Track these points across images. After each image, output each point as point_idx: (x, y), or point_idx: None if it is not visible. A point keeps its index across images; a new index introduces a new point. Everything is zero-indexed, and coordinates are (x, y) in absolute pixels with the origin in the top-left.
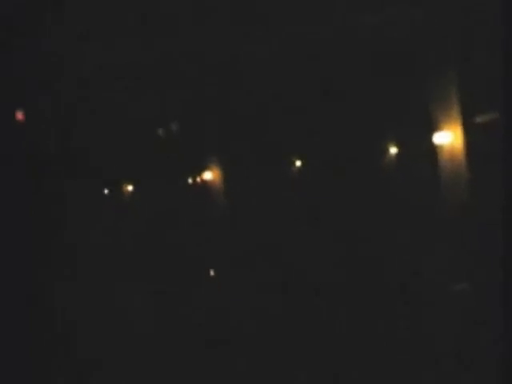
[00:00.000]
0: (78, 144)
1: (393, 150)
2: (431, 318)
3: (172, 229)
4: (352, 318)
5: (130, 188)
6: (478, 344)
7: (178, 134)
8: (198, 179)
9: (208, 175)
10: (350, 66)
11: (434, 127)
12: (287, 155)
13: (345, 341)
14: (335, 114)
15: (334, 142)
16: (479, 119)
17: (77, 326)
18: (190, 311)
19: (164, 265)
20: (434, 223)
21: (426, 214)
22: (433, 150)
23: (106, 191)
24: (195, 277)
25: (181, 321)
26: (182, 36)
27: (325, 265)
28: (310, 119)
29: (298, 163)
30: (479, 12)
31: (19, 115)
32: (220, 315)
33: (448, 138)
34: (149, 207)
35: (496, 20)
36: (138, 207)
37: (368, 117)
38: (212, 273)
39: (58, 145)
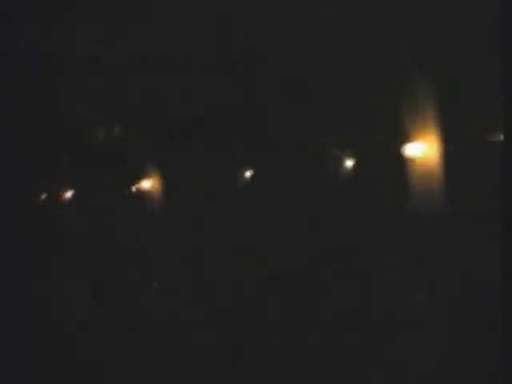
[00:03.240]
0: None
1: (356, 163)
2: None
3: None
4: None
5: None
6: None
7: (118, 139)
8: (135, 188)
9: (147, 184)
10: (310, 68)
11: (404, 138)
12: (236, 163)
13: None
14: (293, 121)
15: (289, 152)
16: (457, 129)
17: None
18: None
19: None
20: (404, 244)
21: (395, 236)
22: (403, 163)
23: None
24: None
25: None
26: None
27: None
28: (264, 123)
29: (249, 172)
30: (479, 12)
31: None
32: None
33: (421, 149)
34: (84, 219)
35: (496, 20)
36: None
37: (328, 125)
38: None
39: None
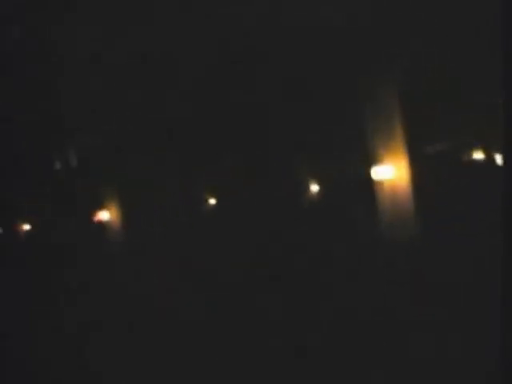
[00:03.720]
0: None
1: (320, 188)
2: None
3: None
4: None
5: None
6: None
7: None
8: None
9: (105, 215)
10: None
11: (372, 160)
12: (197, 192)
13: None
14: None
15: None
16: (428, 150)
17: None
18: None
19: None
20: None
21: (362, 263)
22: (371, 186)
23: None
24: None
25: None
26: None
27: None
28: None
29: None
30: (475, 13)
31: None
32: None
33: (390, 172)
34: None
35: (496, 20)
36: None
37: (291, 147)
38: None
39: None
